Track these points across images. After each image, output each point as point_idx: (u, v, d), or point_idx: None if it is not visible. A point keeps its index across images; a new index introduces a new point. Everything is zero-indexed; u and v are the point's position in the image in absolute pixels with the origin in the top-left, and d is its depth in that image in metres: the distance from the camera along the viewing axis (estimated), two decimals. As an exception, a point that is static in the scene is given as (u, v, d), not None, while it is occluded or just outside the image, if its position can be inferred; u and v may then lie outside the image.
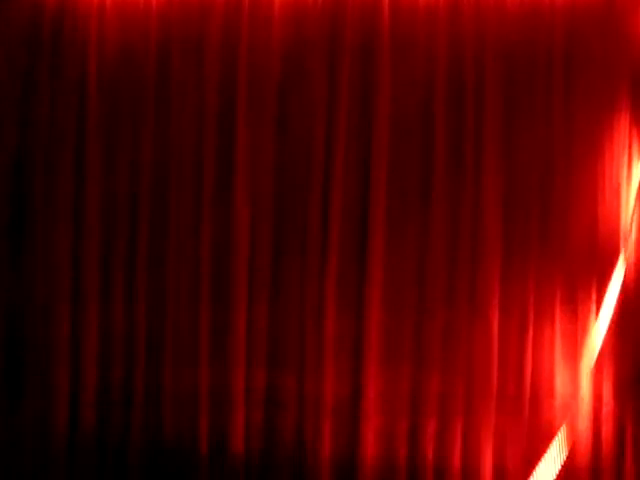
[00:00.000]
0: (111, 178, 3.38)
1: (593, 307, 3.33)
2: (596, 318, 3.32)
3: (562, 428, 3.29)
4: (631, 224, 3.33)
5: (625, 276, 3.32)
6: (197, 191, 3.36)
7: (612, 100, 3.32)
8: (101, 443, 3.37)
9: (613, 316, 3.31)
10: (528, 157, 3.33)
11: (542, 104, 3.33)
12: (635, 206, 3.32)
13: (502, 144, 3.34)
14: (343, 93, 3.34)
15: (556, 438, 3.29)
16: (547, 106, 3.33)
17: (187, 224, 3.37)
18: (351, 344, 3.35)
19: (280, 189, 3.37)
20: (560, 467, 3.21)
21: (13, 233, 3.37)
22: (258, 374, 3.39)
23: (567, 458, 3.26)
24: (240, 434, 3.37)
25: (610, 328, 3.32)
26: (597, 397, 3.33)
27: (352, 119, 3.35)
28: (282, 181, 3.38)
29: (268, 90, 3.36)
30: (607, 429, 3.32)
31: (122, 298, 3.39)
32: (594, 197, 3.34)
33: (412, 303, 3.36)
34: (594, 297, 3.33)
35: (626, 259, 3.33)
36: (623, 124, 3.32)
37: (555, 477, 3.20)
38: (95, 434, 3.36)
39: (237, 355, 3.35)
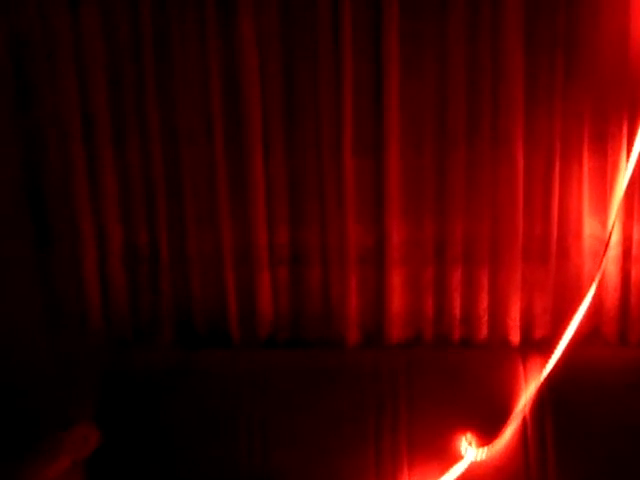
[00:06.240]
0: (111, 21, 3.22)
1: (624, 143, 3.15)
2: (627, 155, 3.14)
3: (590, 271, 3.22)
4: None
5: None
6: (200, 29, 3.17)
7: None
8: (132, 300, 3.41)
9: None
10: None
11: None
12: None
13: None
14: None
15: (584, 281, 3.23)
16: None
17: (193, 69, 3.21)
18: (372, 190, 3.26)
19: (288, 29, 3.17)
20: (588, 310, 3.16)
21: (18, 89, 3.26)
22: (280, 229, 3.34)
23: (596, 301, 3.21)
24: (267, 292, 3.37)
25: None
26: (627, 238, 3.25)
27: None
28: (289, 20, 3.17)
29: None
30: (637, 271, 3.26)
31: (137, 157, 3.32)
32: (624, 10, 3.05)
33: (432, 141, 3.22)
34: (625, 131, 3.14)
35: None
36: None
37: (583, 319, 3.14)
38: (125, 290, 3.40)
39: (257, 211, 3.29)
